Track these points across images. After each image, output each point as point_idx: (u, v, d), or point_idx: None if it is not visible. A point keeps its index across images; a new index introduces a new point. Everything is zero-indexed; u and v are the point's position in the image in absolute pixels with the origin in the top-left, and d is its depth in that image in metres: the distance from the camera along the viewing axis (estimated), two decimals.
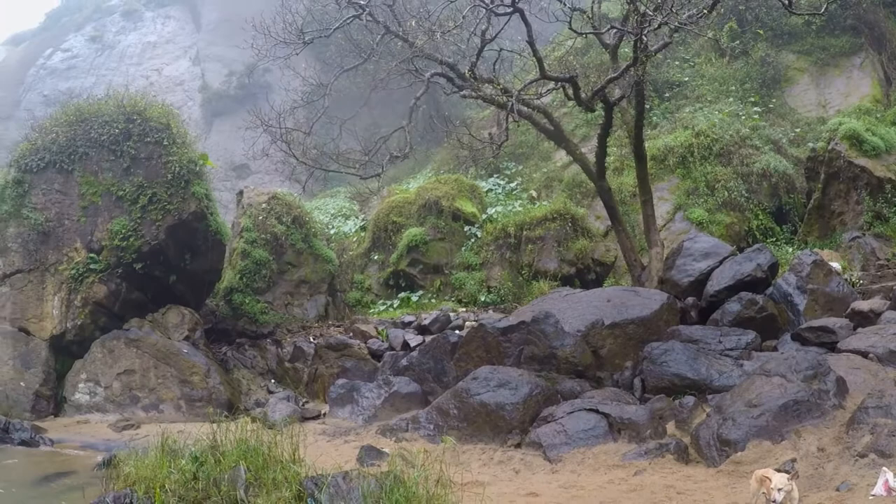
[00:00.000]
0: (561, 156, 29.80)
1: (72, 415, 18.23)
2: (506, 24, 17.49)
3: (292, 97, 25.64)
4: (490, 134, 32.85)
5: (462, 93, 18.58)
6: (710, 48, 30.14)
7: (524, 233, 24.32)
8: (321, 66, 35.01)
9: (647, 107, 21.71)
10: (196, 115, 50.81)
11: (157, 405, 18.35)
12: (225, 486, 8.00)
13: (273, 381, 20.53)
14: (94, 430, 17.06)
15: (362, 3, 17.81)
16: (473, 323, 18.78)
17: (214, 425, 9.97)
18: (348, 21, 18.65)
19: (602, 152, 19.61)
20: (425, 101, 18.53)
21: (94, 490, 9.58)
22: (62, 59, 69.87)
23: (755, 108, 27.75)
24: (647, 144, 20.86)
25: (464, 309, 22.46)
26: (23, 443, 15.27)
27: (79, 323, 18.96)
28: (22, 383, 18.23)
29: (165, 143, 19.66)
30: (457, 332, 17.49)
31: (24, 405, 17.98)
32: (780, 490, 7.15)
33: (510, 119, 17.89)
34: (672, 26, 16.15)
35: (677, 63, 30.95)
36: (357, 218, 32.87)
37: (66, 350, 19.07)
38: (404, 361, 16.38)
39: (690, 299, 15.86)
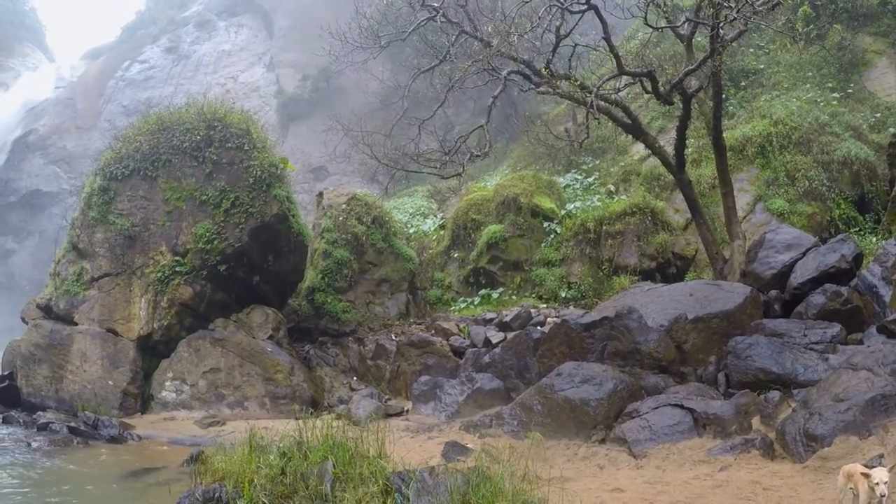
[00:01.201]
0: (638, 149, 29.50)
1: (158, 412, 18.75)
2: (579, 20, 17.42)
3: (368, 100, 25.95)
4: (566, 129, 32.74)
5: (539, 90, 18.55)
6: (784, 34, 29.38)
7: (603, 228, 24.08)
8: (394, 67, 35.33)
9: (724, 96, 21.29)
10: (272, 120, 51.65)
11: (241, 402, 18.75)
12: (313, 480, 8.16)
13: (355, 378, 20.78)
14: (180, 426, 17.49)
15: (436, 5, 17.93)
16: (554, 319, 18.72)
17: (300, 422, 10.20)
18: (423, 23, 18.77)
19: (681, 144, 19.37)
20: (500, 99, 18.51)
21: (183, 484, 9.88)
22: (140, 71, 71.69)
23: (833, 94, 26.94)
24: (724, 135, 20.46)
25: (544, 305, 22.35)
26: (111, 439, 15.74)
27: (165, 323, 19.46)
28: (110, 382, 18.83)
29: (246, 148, 20.08)
30: (539, 328, 17.41)
31: (112, 403, 18.58)
32: (884, 483, 6.98)
33: (590, 115, 17.81)
34: (747, 16, 15.91)
35: (752, 50, 30.24)
36: (435, 216, 32.98)
37: (153, 350, 19.61)
38: (486, 358, 16.41)
39: (773, 292, 15.58)
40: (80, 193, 21.72)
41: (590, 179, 30.99)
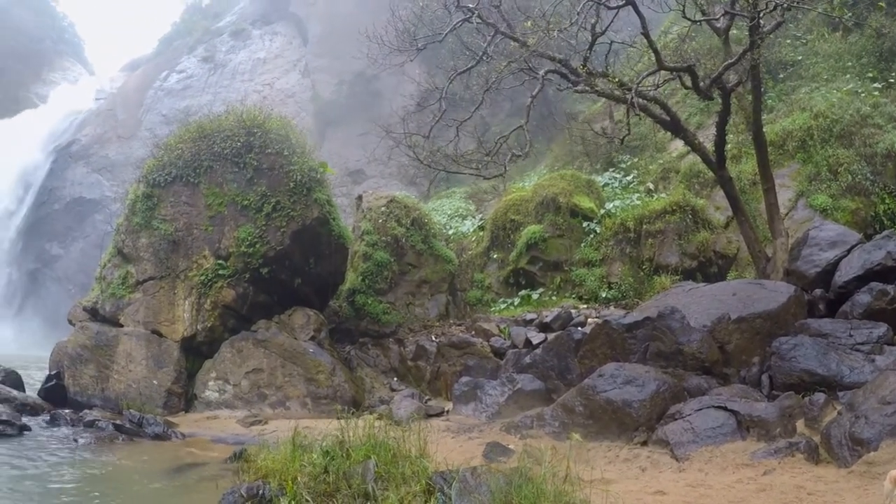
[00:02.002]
0: (676, 146, 29.29)
1: (201, 411, 18.99)
2: (615, 16, 17.31)
3: (404, 103, 25.99)
4: (603, 127, 32.55)
5: (576, 88, 18.46)
6: (822, 23, 28.74)
7: (643, 227, 23.91)
8: (429, 69, 35.37)
9: (762, 90, 21.00)
10: (309, 125, 52.07)
11: (283, 402, 18.93)
12: (356, 479, 8.20)
13: (396, 379, 20.89)
14: (223, 425, 17.67)
15: (471, 5, 17.92)
16: (595, 320, 18.65)
17: (342, 421, 10.27)
18: (458, 25, 18.78)
19: (721, 140, 19.12)
20: (537, 98, 18.45)
21: (226, 481, 9.98)
22: (178, 80, 72.81)
23: (874, 85, 26.20)
24: (764, 129, 20.08)
25: (585, 306, 22.28)
26: (156, 436, 15.97)
27: (208, 325, 19.72)
28: (155, 381, 19.11)
29: (286, 153, 20.28)
30: (580, 329, 17.35)
31: (156, 402, 18.86)
32: None
33: (630, 113, 17.68)
34: (785, 6, 15.72)
35: (789, 41, 29.64)
36: (474, 217, 33.01)
37: (197, 350, 19.89)
38: (527, 359, 16.37)
39: (818, 291, 15.30)
40: (125, 200, 22.06)
41: (628, 178, 30.80)
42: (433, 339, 21.19)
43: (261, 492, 8.59)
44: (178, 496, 10.36)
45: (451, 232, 31.36)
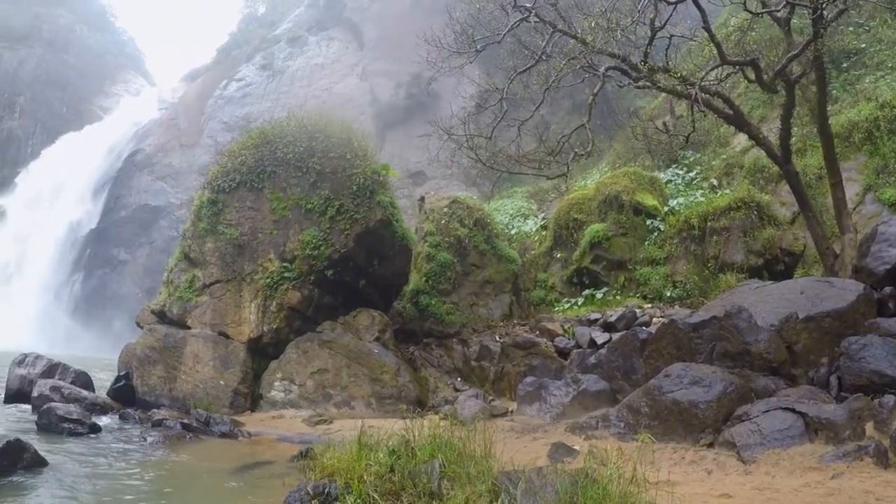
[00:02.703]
0: (739, 140, 28.92)
1: (267, 410, 19.24)
2: (673, 10, 17.13)
3: (462, 104, 26.03)
4: (665, 123, 32.23)
5: (637, 84, 18.31)
6: (883, 9, 28.02)
7: (708, 224, 23.53)
8: (487, 69, 35.40)
9: (826, 80, 20.56)
10: (369, 128, 52.55)
11: (348, 402, 19.09)
12: (423, 479, 8.24)
13: (459, 379, 20.93)
14: (288, 424, 17.83)
15: (528, 5, 17.88)
16: (660, 319, 18.47)
17: (406, 421, 10.32)
18: (516, 25, 18.75)
19: (786, 134, 18.79)
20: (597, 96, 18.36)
21: (292, 479, 10.04)
22: (237, 89, 74.15)
23: None
24: (829, 121, 19.58)
25: (649, 305, 22.05)
26: (222, 435, 16.17)
27: (274, 327, 19.96)
28: (221, 382, 19.44)
29: (348, 156, 20.46)
30: (645, 328, 17.19)
31: (223, 401, 19.18)
32: None
33: (694, 109, 17.47)
34: None
35: (851, 29, 28.96)
36: (536, 217, 32.93)
37: (262, 351, 20.15)
38: (592, 359, 16.27)
39: (888, 289, 14.83)
40: (190, 206, 22.51)
41: (691, 174, 30.47)
42: (497, 339, 21.20)
43: (327, 490, 8.63)
44: (246, 493, 10.49)
45: (513, 232, 31.35)
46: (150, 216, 70.79)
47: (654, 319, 19.41)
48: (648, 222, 25.29)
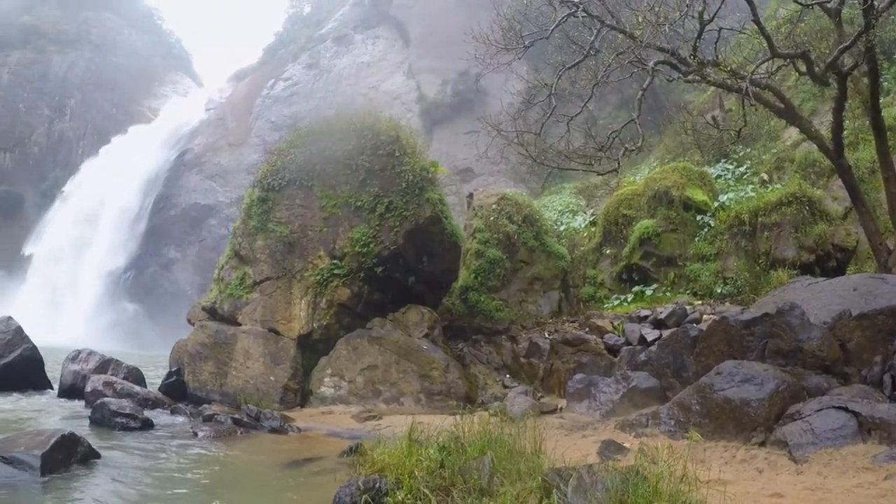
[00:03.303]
0: (790, 134, 28.54)
1: (317, 406, 19.41)
2: (722, 3, 16.93)
3: (510, 100, 26.00)
4: (714, 117, 31.92)
5: (687, 78, 18.15)
6: None
7: (759, 219, 23.19)
8: (534, 65, 35.31)
9: (879, 72, 20.16)
10: (416, 126, 52.94)
11: (397, 398, 19.19)
12: (473, 475, 8.27)
13: (508, 375, 20.91)
14: (338, 420, 17.97)
15: (575, 0, 17.80)
16: (711, 316, 18.30)
17: (456, 417, 10.35)
18: (564, 20, 18.67)
19: (838, 127, 18.45)
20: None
21: (342, 474, 10.09)
22: (284, 88, 75.03)
23: None
24: (882, 114, 19.17)
25: (699, 302, 21.82)
26: (273, 430, 16.31)
27: (324, 323, 20.13)
28: (272, 377, 19.65)
29: (397, 154, 20.55)
30: (696, 325, 17.03)
31: (273, 397, 19.38)
32: None
33: (745, 102, 17.26)
34: None
35: None
36: (585, 213, 32.80)
37: (312, 348, 20.30)
38: (642, 356, 16.13)
39: None
40: (240, 204, 22.75)
41: (741, 168, 30.14)
42: (546, 335, 21.16)
43: (377, 485, 8.68)
44: (297, 487, 10.58)
45: (562, 228, 31.26)
46: (200, 214, 71.82)
47: (705, 316, 19.23)
48: (698, 218, 25.04)
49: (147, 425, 15.87)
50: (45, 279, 70.66)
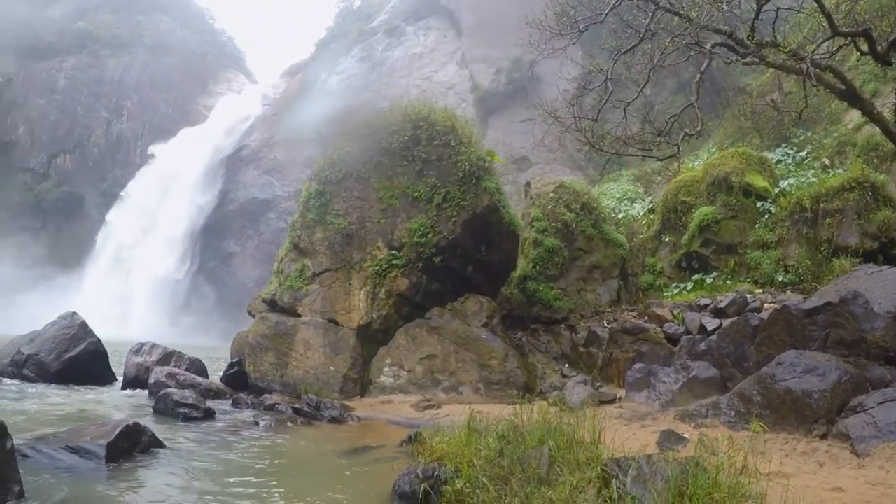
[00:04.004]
0: (852, 117, 27.97)
1: (376, 395, 19.63)
2: None
3: (565, 86, 25.82)
4: (772, 100, 31.36)
5: (745, 60, 17.84)
6: None
7: (820, 205, 22.68)
8: (589, 50, 34.99)
9: None
10: (471, 115, 52.98)
11: (456, 387, 19.30)
12: (532, 464, 8.29)
13: (567, 365, 20.86)
14: (397, 409, 18.17)
15: None
16: (772, 305, 18.06)
17: (516, 406, 10.36)
18: (618, 3, 18.48)
19: None
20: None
21: (402, 462, 10.22)
22: (338, 81, 75.72)
23: None
24: None
25: (760, 290, 21.49)
26: (333, 419, 16.54)
27: (383, 313, 20.33)
28: (331, 367, 19.93)
29: (453, 143, 20.60)
30: (756, 314, 16.76)
31: (333, 387, 19.68)
32: None
33: (806, 84, 16.93)
34: None
35: None
36: (643, 200, 32.53)
37: (372, 338, 20.51)
38: (702, 346, 15.97)
39: None
40: (298, 198, 23.00)
41: (802, 153, 29.60)
42: (605, 325, 21.06)
43: (436, 473, 8.75)
44: (357, 476, 10.68)
45: (620, 216, 31.06)
46: (259, 209, 72.76)
47: (766, 305, 18.97)
48: (759, 204, 24.65)
49: (209, 415, 16.20)
50: (107, 276, 72.20)
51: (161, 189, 74.21)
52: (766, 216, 24.25)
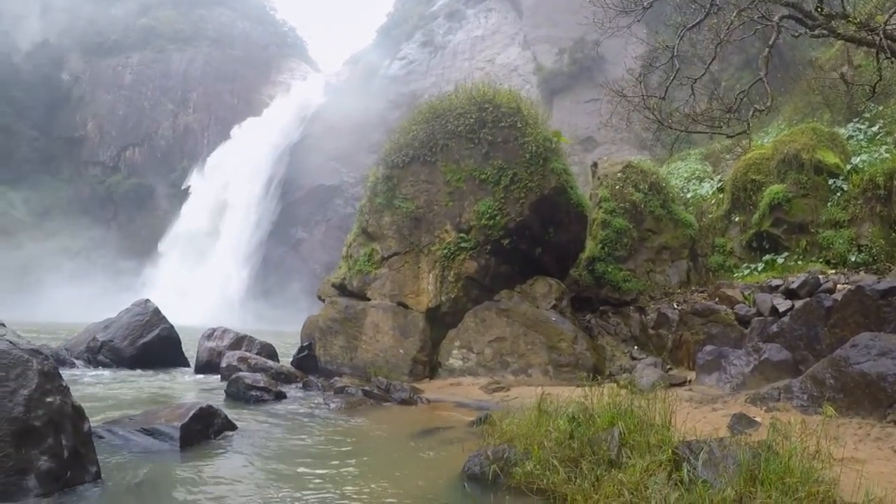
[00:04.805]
0: None
1: (445, 378, 19.81)
2: None
3: (629, 65, 25.57)
4: (842, 74, 30.63)
5: (814, 33, 17.44)
6: None
7: (894, 183, 22.08)
8: (652, 27, 34.59)
9: None
10: (535, 96, 52.86)
11: (525, 370, 19.35)
12: (602, 446, 8.34)
13: (636, 347, 20.79)
14: (466, 391, 18.30)
15: None
16: (845, 286, 17.72)
17: (586, 388, 10.39)
18: None
19: None
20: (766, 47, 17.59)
21: (471, 444, 10.31)
22: (400, 67, 76.26)
23: None
24: None
25: (833, 271, 21.02)
26: (402, 401, 16.72)
27: (452, 296, 20.47)
28: (401, 350, 20.16)
29: (519, 125, 20.62)
30: (829, 295, 16.46)
31: (402, 369, 19.92)
32: None
33: (879, 57, 16.49)
34: None
35: None
36: (712, 179, 32.11)
37: (440, 320, 20.68)
38: (774, 327, 15.80)
39: None
40: (365, 183, 23.24)
41: (874, 128, 28.80)
42: (675, 306, 20.89)
43: (506, 455, 8.83)
44: (428, 457, 10.80)
45: (689, 195, 30.71)
46: (326, 195, 73.59)
47: (839, 286, 18.58)
48: (830, 182, 24.09)
49: (280, 398, 16.54)
50: (179, 264, 73.72)
51: (228, 180, 75.35)
52: (839, 194, 23.68)
